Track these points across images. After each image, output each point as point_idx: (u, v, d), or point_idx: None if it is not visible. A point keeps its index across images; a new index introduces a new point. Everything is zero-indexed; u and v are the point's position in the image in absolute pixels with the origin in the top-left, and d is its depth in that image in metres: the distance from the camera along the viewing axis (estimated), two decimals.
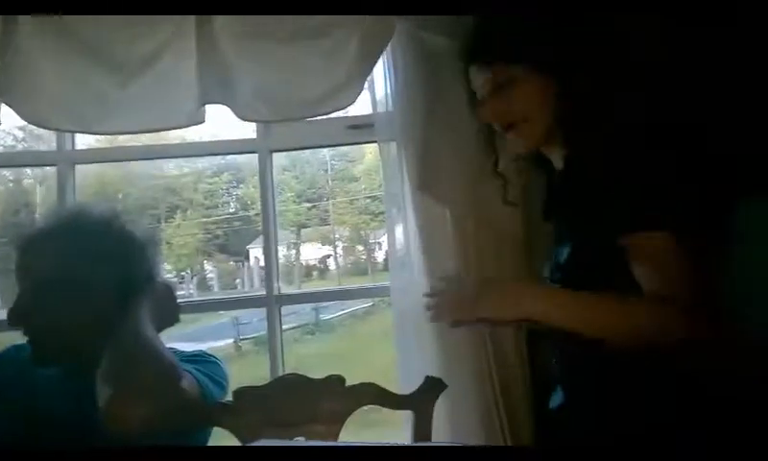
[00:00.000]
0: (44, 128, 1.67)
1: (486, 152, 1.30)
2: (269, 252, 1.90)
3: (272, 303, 1.87)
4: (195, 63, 1.62)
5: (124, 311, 1.13)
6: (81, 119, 1.63)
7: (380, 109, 1.75)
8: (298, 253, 5.63)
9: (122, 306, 1.14)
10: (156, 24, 1.62)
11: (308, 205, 5.50)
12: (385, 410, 1.28)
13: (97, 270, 1.14)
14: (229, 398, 1.23)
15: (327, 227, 5.68)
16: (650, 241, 0.96)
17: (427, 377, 1.29)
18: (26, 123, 1.66)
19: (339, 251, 5.79)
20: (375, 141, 1.78)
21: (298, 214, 5.50)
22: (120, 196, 4.61)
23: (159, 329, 1.16)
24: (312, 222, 5.63)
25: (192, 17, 1.62)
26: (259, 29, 1.65)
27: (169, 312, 1.24)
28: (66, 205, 1.19)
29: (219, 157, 5.17)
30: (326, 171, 5.59)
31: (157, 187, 5.27)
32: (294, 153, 4.42)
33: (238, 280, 5.88)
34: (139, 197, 5.06)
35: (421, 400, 1.26)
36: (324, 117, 1.80)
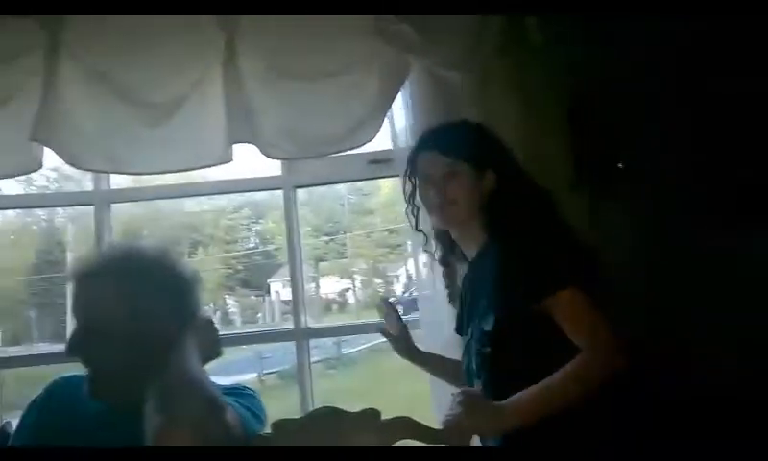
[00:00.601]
0: (83, 169, 1.74)
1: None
2: (295, 285, 1.95)
3: (300, 336, 1.90)
4: (222, 104, 1.69)
5: (173, 346, 1.17)
6: (115, 160, 1.71)
7: (400, 143, 1.80)
8: (317, 286, 5.65)
9: (171, 341, 1.17)
10: (184, 67, 1.70)
11: (326, 238, 5.54)
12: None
13: (149, 306, 1.17)
14: (267, 430, 1.25)
15: (345, 260, 5.71)
16: (562, 298, 1.20)
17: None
18: (57, 165, 1.73)
19: (357, 284, 5.80)
20: (397, 175, 1.83)
21: (316, 248, 5.55)
22: (145, 233, 4.69)
23: (203, 363, 1.20)
24: (330, 255, 5.66)
25: (219, 61, 1.70)
26: (283, 68, 1.72)
27: (212, 346, 1.27)
28: (118, 242, 1.24)
29: (238, 194, 5.25)
30: (343, 205, 5.64)
31: (180, 225, 5.37)
32: (310, 187, 4.48)
33: (259, 314, 5.91)
34: (163, 234, 5.15)
35: (458, 433, 1.25)
36: (346, 153, 1.85)
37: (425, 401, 1.75)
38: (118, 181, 2.12)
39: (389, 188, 5.30)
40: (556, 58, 1.81)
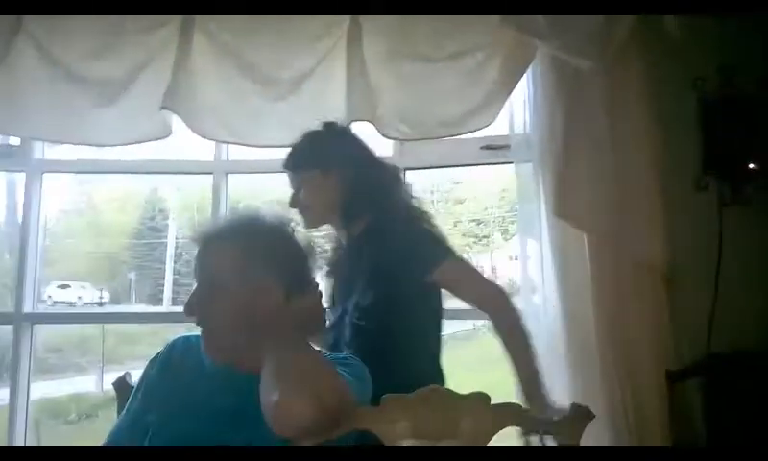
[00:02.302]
0: (207, 139, 1.81)
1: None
2: None
3: None
4: (344, 83, 1.70)
5: (282, 313, 1.19)
6: (237, 132, 1.76)
7: (518, 131, 1.75)
8: None
9: (280, 308, 1.20)
10: (309, 45, 1.73)
11: None
12: None
13: (267, 273, 1.20)
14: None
15: None
16: (448, 266, 1.40)
17: (573, 405, 1.24)
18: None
19: None
20: (509, 163, 1.79)
21: None
22: (241, 205, 4.85)
23: (309, 335, 1.22)
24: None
25: (344, 41, 1.71)
26: (405, 50, 1.72)
27: (317, 319, 1.29)
28: (240, 209, 1.28)
29: None
30: (432, 192, 5.58)
31: (272, 202, 5.50)
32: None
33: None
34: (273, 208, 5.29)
35: (569, 428, 1.21)
36: (459, 137, 1.83)
37: (503, 391, 1.72)
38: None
39: (480, 179, 5.20)
40: (690, 54, 1.72)
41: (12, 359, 1.91)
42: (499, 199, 5.04)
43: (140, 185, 4.59)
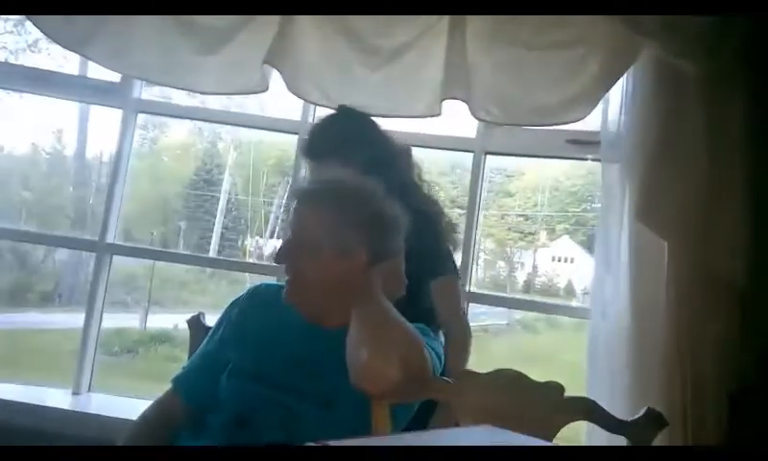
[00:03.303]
0: (300, 97, 1.84)
1: None
2: (467, 250, 1.97)
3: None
4: (443, 59, 1.71)
5: (371, 277, 1.23)
6: (330, 96, 1.79)
7: (611, 128, 1.74)
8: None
9: (370, 272, 1.24)
10: (412, 19, 1.74)
11: (460, 211, 5.50)
12: None
13: (356, 235, 1.24)
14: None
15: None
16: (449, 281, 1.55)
17: (649, 409, 1.23)
18: None
19: (480, 263, 5.75)
20: (592, 159, 1.78)
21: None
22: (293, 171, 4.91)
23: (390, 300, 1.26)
24: (458, 229, 5.61)
25: (446, 18, 1.72)
26: (507, 35, 1.71)
27: (398, 286, 1.32)
28: (339, 171, 1.32)
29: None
30: (488, 180, 5.52)
31: None
32: (455, 159, 4.50)
33: None
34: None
35: (642, 431, 1.21)
36: (546, 128, 1.83)
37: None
38: None
39: (534, 174, 5.15)
40: None
41: (92, 286, 2.00)
42: (550, 197, 5.00)
43: (201, 138, 4.70)
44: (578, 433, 1.63)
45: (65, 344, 3.75)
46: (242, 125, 2.32)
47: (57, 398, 1.97)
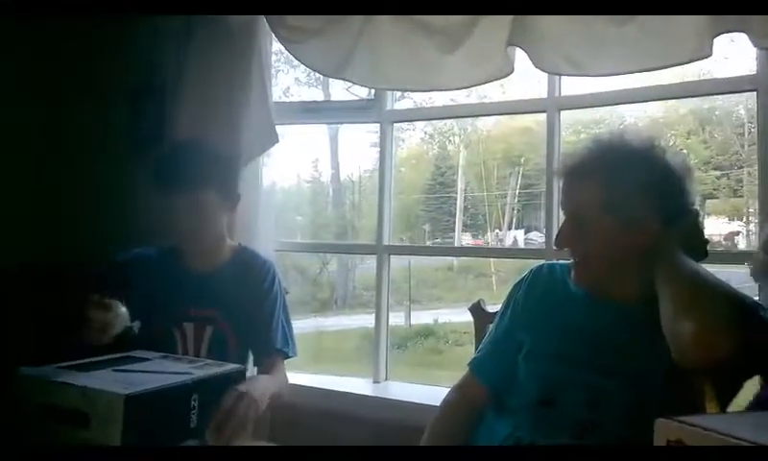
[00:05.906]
0: (547, 72, 1.85)
1: None
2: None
3: None
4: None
5: (667, 241, 1.15)
6: (580, 63, 1.71)
7: None
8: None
9: (665, 236, 1.16)
10: None
11: (717, 173, 4.88)
12: None
13: (631, 198, 1.17)
14: None
15: (740, 199, 4.95)
16: None
17: None
18: None
19: (751, 227, 5.01)
20: None
21: (704, 183, 4.94)
22: (522, 160, 4.88)
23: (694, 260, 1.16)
24: (721, 192, 4.98)
25: None
26: None
27: (698, 242, 1.21)
28: (606, 136, 1.26)
29: None
30: (743, 134, 4.84)
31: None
32: (704, 114, 4.08)
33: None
34: (538, 162, 5.29)
35: None
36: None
37: None
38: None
39: None
40: None
41: (376, 284, 2.22)
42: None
43: (432, 145, 4.96)
44: None
45: (345, 342, 4.29)
46: (489, 114, 2.37)
47: (360, 386, 2.21)
